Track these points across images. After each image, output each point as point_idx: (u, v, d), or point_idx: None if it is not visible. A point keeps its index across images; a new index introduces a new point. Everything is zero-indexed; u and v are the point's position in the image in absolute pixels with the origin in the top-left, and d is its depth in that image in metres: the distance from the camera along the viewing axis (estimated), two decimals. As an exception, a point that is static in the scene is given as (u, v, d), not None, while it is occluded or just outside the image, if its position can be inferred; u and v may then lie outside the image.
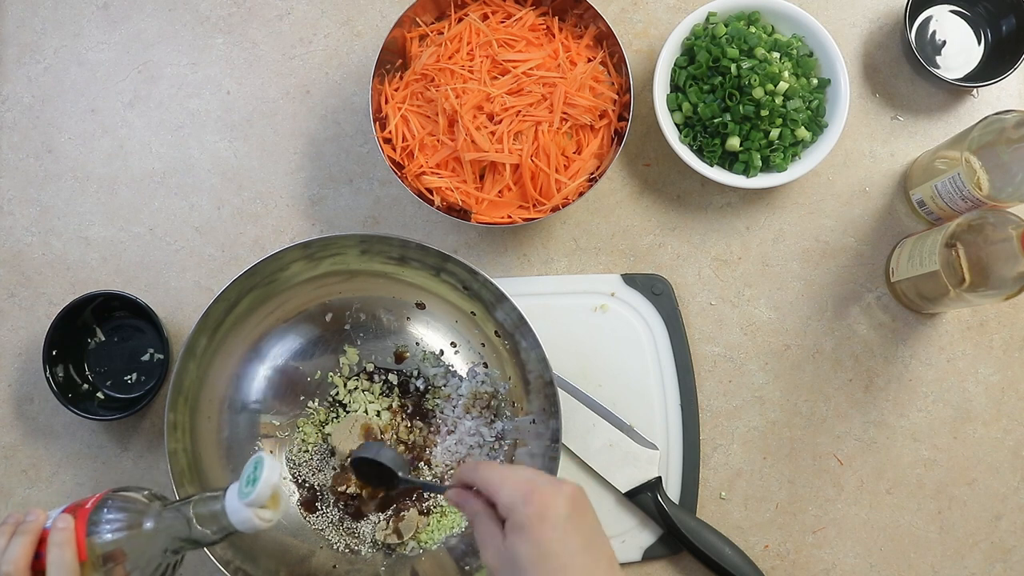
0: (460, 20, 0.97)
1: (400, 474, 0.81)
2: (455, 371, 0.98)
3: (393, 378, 0.98)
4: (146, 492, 0.74)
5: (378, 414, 0.97)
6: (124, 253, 1.01)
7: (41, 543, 0.70)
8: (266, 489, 0.70)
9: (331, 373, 0.98)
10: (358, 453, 0.83)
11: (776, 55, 0.98)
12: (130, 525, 0.71)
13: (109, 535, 0.70)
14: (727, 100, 0.97)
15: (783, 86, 0.96)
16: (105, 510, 0.71)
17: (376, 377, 0.98)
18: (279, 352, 0.97)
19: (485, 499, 0.72)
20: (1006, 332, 1.02)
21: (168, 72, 1.04)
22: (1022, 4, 1.00)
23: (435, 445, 0.97)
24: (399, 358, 0.99)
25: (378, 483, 0.84)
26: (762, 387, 1.01)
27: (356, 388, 0.98)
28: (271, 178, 1.03)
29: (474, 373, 0.98)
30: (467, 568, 0.92)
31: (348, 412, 0.97)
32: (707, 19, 0.99)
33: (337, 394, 0.98)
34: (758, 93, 0.95)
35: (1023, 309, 1.02)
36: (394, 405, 0.98)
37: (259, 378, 0.97)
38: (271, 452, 0.95)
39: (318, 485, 0.96)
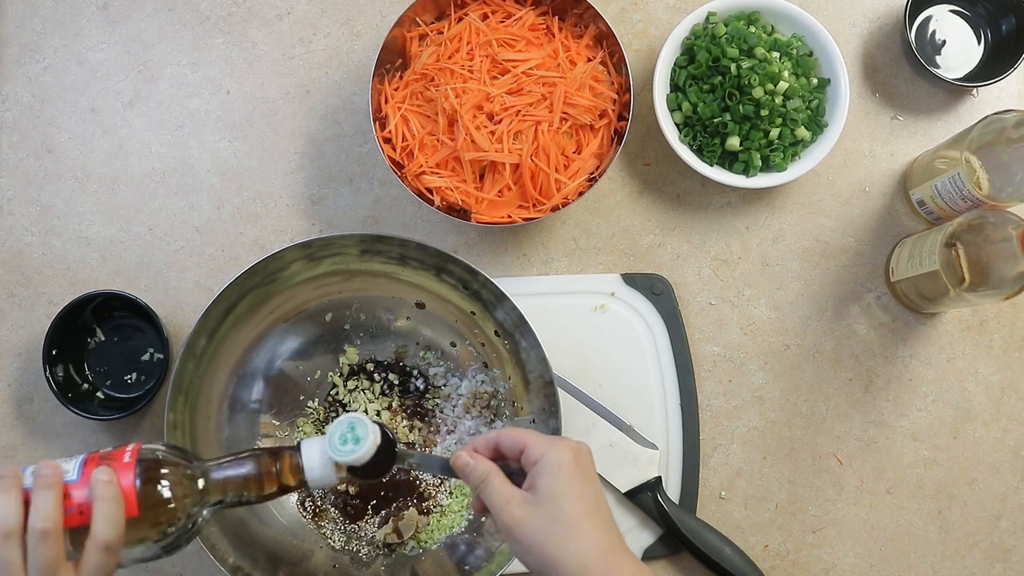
0: (460, 20, 0.97)
1: (398, 447, 0.75)
2: (455, 371, 0.98)
3: (393, 378, 0.98)
4: (172, 447, 0.72)
5: (378, 414, 0.97)
6: (124, 253, 1.01)
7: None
8: (371, 449, 0.70)
9: (331, 373, 0.98)
10: None
11: (776, 55, 0.98)
12: (180, 483, 0.68)
13: (160, 492, 0.67)
14: (727, 100, 0.97)
15: (783, 86, 0.96)
16: (158, 468, 0.68)
17: (376, 377, 0.98)
18: (279, 352, 0.97)
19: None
20: (1006, 332, 1.02)
21: (168, 72, 1.04)
22: (1022, 4, 1.00)
23: (435, 445, 0.97)
24: (399, 358, 0.99)
25: (369, 470, 0.75)
26: (762, 387, 1.01)
27: (356, 388, 0.98)
28: (271, 178, 1.03)
29: (474, 373, 0.98)
30: (467, 568, 0.92)
31: (348, 412, 0.97)
32: (707, 19, 0.99)
33: (337, 394, 0.98)
34: (758, 93, 0.95)
35: (1023, 309, 1.02)
36: (394, 405, 0.98)
37: (259, 378, 0.97)
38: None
39: (318, 485, 0.96)
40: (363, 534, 0.95)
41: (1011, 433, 1.01)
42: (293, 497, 0.96)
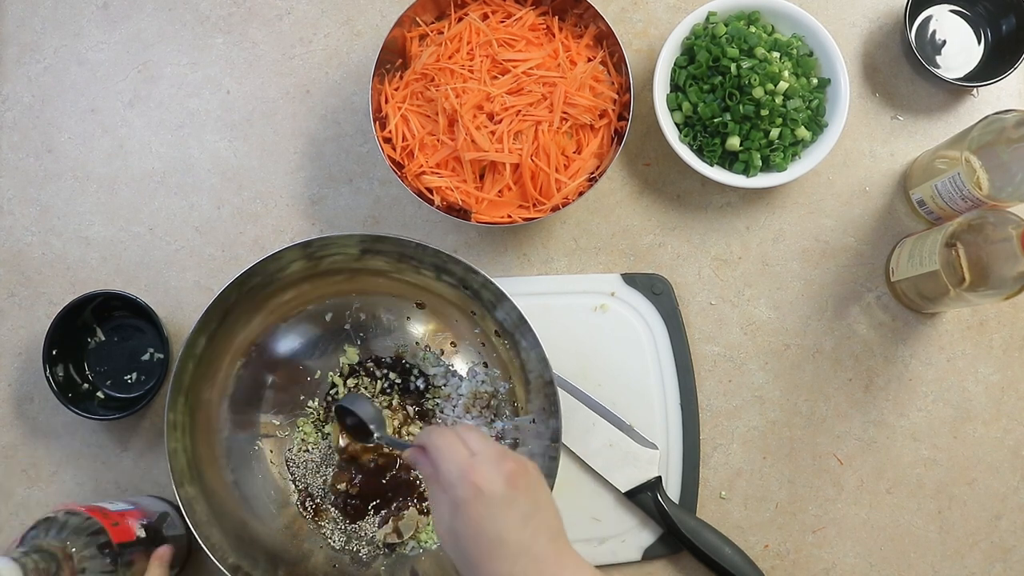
0: (460, 20, 0.97)
1: (373, 429, 0.87)
2: (455, 371, 0.98)
3: (393, 377, 0.98)
4: (76, 520, 0.81)
5: (378, 414, 0.97)
6: (124, 253, 1.01)
7: None
8: None
9: (331, 372, 0.98)
10: (341, 402, 0.90)
11: (776, 55, 0.98)
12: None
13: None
14: (727, 100, 0.97)
15: (783, 86, 0.96)
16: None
17: (376, 376, 0.98)
18: (279, 352, 0.97)
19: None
20: (1006, 332, 1.02)
21: (168, 72, 1.04)
22: (1022, 4, 1.00)
23: (435, 445, 0.97)
24: (399, 357, 0.99)
25: (357, 434, 0.89)
26: (762, 387, 1.01)
27: (356, 387, 0.98)
28: (271, 178, 1.03)
29: (474, 373, 0.98)
30: (467, 568, 0.92)
31: (348, 412, 0.97)
32: (707, 19, 0.99)
33: (337, 393, 0.98)
34: (758, 93, 0.95)
35: (1023, 309, 1.02)
36: (394, 404, 0.98)
37: (259, 378, 0.97)
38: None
39: (318, 485, 0.96)
40: (363, 534, 0.95)
41: (1011, 433, 1.01)
42: (293, 497, 0.96)
